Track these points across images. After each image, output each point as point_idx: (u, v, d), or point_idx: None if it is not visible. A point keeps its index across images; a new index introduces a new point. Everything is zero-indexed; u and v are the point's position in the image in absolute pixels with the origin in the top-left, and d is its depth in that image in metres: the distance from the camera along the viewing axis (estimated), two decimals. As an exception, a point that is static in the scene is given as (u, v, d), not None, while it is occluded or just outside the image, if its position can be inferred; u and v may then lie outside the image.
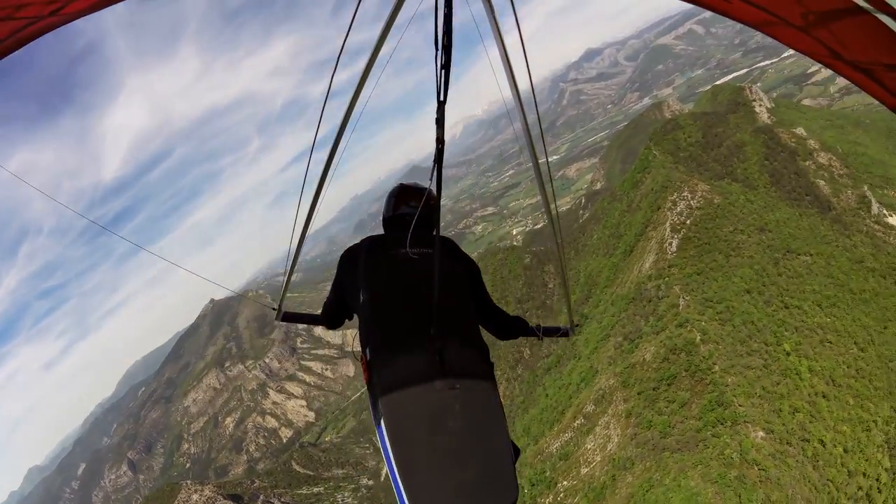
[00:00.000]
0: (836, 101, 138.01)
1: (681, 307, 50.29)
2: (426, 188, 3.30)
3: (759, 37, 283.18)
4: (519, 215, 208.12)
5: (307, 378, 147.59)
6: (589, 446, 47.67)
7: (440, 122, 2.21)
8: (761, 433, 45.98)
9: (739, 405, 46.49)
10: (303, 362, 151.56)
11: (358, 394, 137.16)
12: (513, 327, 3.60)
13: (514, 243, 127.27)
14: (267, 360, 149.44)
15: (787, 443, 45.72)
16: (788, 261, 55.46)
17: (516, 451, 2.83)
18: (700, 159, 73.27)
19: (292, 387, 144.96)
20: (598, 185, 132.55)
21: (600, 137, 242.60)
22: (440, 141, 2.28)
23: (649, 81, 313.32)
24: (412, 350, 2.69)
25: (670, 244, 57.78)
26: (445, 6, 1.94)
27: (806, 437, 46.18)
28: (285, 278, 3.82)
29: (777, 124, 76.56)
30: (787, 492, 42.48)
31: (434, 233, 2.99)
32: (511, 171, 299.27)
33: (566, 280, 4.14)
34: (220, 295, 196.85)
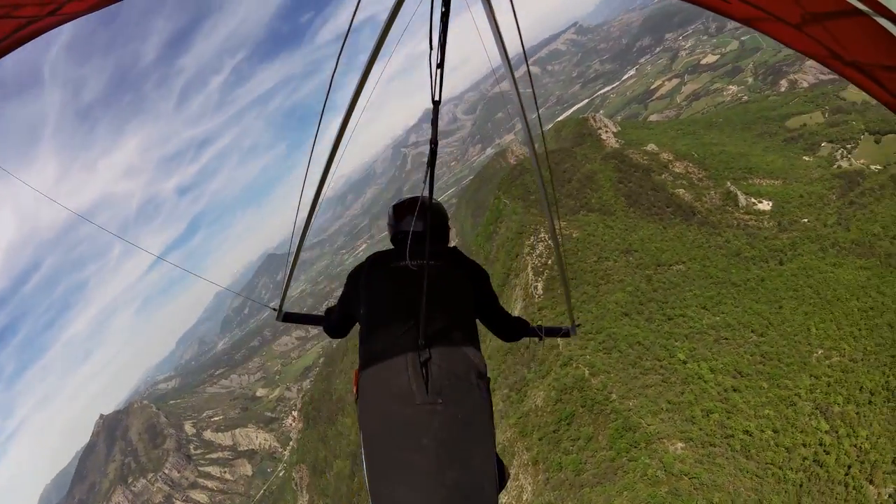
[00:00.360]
0: (684, 110, 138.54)
1: (561, 347, 50.79)
2: (418, 197, 3.20)
3: (596, 65, 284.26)
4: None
5: (209, 483, 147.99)
6: (504, 500, 46.20)
7: (434, 122, 2.26)
8: (680, 444, 45.56)
9: (648, 424, 46.16)
10: (200, 468, 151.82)
11: (261, 491, 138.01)
12: (514, 329, 3.58)
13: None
14: (166, 471, 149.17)
15: (711, 444, 45.32)
16: (661, 274, 57.42)
17: (503, 476, 2.72)
18: (551, 199, 74.27)
19: (197, 494, 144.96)
20: (453, 243, 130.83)
21: (448, 196, 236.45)
22: (434, 142, 2.33)
23: (490, 131, 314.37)
24: (397, 363, 2.61)
25: (535, 288, 57.83)
26: (443, 5, 1.97)
27: (728, 433, 45.94)
28: (286, 279, 3.82)
29: (626, 146, 77.05)
30: (728, 489, 41.88)
31: (439, 242, 3.22)
32: (364, 246, 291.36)
33: (565, 280, 4.07)
34: (108, 409, 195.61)
